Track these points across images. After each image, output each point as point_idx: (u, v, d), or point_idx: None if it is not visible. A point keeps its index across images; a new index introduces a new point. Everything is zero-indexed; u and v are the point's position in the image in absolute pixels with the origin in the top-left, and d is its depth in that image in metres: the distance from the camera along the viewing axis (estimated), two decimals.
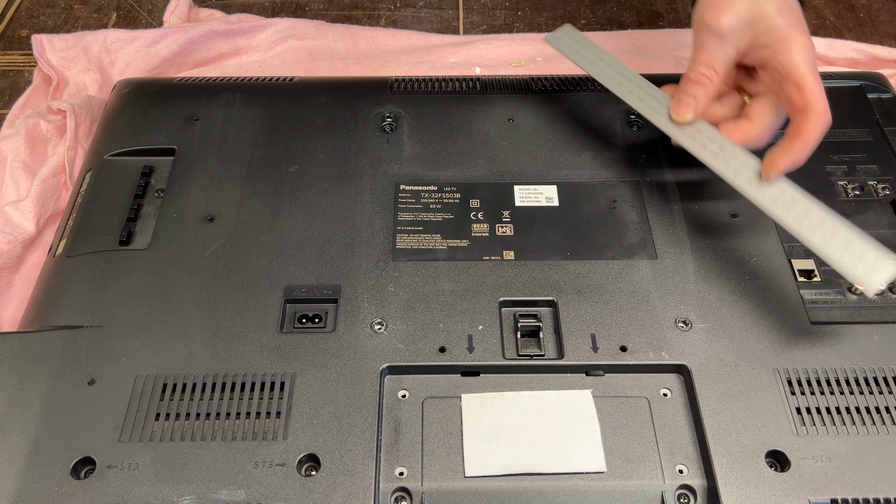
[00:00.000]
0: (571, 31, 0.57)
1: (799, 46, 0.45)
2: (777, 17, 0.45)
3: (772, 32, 0.45)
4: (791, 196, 0.44)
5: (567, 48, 0.56)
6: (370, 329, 0.45)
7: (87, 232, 0.51)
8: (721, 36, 0.46)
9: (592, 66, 0.54)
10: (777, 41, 0.45)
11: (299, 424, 0.41)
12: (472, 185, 0.53)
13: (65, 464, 0.39)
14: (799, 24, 0.46)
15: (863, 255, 0.41)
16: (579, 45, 0.56)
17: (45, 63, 0.68)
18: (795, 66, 0.44)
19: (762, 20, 0.46)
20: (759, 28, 0.46)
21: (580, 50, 0.55)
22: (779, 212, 0.44)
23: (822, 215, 0.43)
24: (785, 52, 0.45)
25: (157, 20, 0.79)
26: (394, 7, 0.81)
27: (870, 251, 0.41)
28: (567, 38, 0.56)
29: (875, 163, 0.54)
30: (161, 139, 0.56)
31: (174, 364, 0.43)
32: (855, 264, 0.41)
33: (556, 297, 0.46)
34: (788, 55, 0.44)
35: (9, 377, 0.43)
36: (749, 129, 0.47)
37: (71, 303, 0.47)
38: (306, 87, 0.61)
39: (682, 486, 0.39)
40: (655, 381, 0.43)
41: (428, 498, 0.39)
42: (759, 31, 0.46)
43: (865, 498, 0.38)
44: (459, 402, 0.42)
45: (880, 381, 0.43)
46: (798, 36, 0.45)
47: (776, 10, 0.45)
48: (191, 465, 0.39)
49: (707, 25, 0.47)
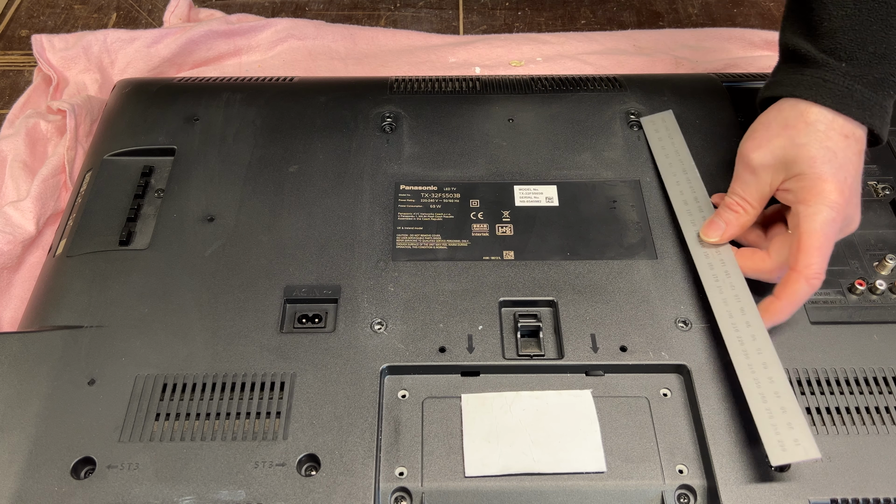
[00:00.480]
0: (669, 119, 0.56)
1: (819, 203, 0.42)
2: (811, 164, 0.42)
3: (803, 180, 0.43)
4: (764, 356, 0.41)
5: (653, 132, 0.56)
6: (370, 329, 0.45)
7: (87, 232, 0.51)
8: (753, 171, 0.45)
9: (665, 156, 0.54)
10: (803, 190, 0.42)
11: (299, 424, 0.41)
12: (472, 185, 0.53)
13: (65, 464, 0.39)
14: (835, 176, 0.42)
15: (790, 429, 0.38)
16: (667, 132, 0.55)
17: (45, 63, 0.68)
18: (807, 221, 0.42)
19: (796, 164, 0.43)
20: (791, 171, 0.43)
21: (664, 138, 0.55)
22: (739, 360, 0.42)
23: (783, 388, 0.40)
24: (805, 202, 0.42)
25: (157, 20, 0.79)
26: (394, 7, 0.81)
27: (801, 433, 0.38)
28: (660, 123, 0.56)
29: (875, 163, 0.54)
30: (161, 139, 0.56)
31: (174, 364, 0.43)
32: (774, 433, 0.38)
33: (556, 297, 0.46)
34: (806, 207, 0.42)
35: (9, 377, 0.43)
36: (763, 262, 0.45)
37: (71, 303, 0.47)
38: (306, 87, 0.61)
39: (682, 486, 0.39)
40: (655, 381, 0.43)
41: (428, 498, 0.39)
42: (792, 175, 0.43)
43: (865, 498, 0.38)
44: (459, 402, 0.42)
45: (880, 381, 0.43)
46: (825, 191, 0.42)
47: (814, 156, 0.42)
48: (191, 465, 0.39)
49: (742, 156, 0.46)
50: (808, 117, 0.43)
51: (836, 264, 0.48)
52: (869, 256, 0.49)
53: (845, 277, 0.48)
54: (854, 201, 0.43)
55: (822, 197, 0.42)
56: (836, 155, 0.43)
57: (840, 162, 0.42)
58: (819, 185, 0.42)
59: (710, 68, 0.70)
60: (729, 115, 0.58)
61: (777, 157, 0.44)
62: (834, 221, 0.42)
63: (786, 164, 0.44)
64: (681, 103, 0.58)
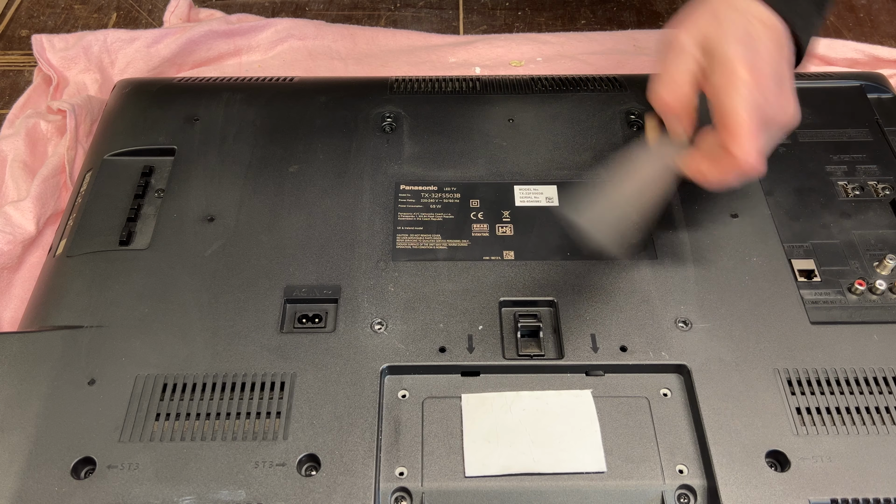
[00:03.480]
0: None
1: (732, 83, 0.41)
2: (726, 44, 0.41)
3: (718, 63, 0.42)
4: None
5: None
6: (370, 329, 0.45)
7: (87, 232, 0.51)
8: (680, 51, 0.44)
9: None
10: (717, 73, 0.42)
11: (299, 424, 0.41)
12: (472, 185, 0.53)
13: (65, 464, 0.39)
14: (745, 57, 0.41)
15: None
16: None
17: (45, 63, 0.68)
18: (723, 102, 0.41)
19: (715, 46, 0.42)
20: (710, 55, 0.42)
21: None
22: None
23: None
24: (721, 86, 0.41)
25: (157, 20, 0.79)
26: (394, 7, 0.81)
27: None
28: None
29: (875, 163, 0.54)
30: (161, 139, 0.56)
31: (174, 364, 0.43)
32: None
33: (556, 297, 0.46)
34: (721, 90, 0.41)
35: (9, 377, 0.43)
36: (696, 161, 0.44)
37: (71, 303, 0.47)
38: (306, 87, 0.61)
39: (682, 486, 0.39)
40: (655, 381, 0.43)
41: (428, 498, 0.39)
42: (710, 59, 0.42)
43: (865, 498, 0.38)
44: (459, 402, 0.42)
45: (880, 381, 0.43)
46: (736, 71, 0.41)
47: (729, 37, 0.42)
48: (191, 465, 0.39)
49: (668, 39, 0.45)
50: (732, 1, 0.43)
51: (836, 264, 0.48)
52: (869, 256, 0.49)
53: (845, 277, 0.48)
54: (774, 90, 0.42)
55: (735, 77, 0.41)
56: (751, 38, 0.42)
57: (756, 47, 0.42)
58: (730, 65, 0.41)
59: None
60: None
61: (700, 39, 0.43)
62: (750, 101, 0.41)
63: (708, 46, 0.43)
64: None
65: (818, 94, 0.60)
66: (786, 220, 0.51)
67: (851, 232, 0.50)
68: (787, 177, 0.54)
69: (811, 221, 0.51)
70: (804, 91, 0.60)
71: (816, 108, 0.58)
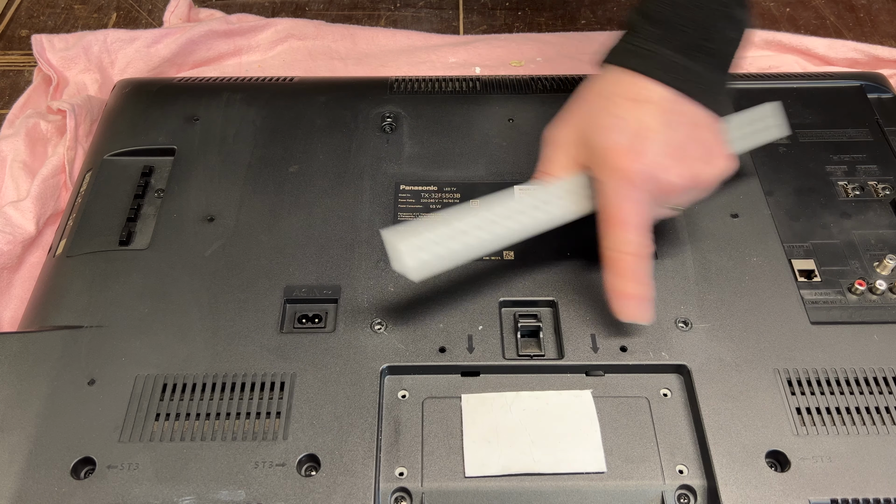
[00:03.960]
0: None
1: (607, 175, 0.41)
2: (599, 135, 0.41)
3: (592, 153, 0.42)
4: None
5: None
6: (370, 329, 0.45)
7: (87, 232, 0.51)
8: (556, 147, 0.44)
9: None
10: (594, 165, 0.42)
11: (299, 424, 0.41)
12: (472, 185, 0.53)
13: (65, 464, 0.39)
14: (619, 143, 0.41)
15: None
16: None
17: (45, 63, 0.68)
18: (600, 197, 0.42)
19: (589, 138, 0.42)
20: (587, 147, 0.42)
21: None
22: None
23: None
24: (598, 179, 0.42)
25: (157, 20, 0.79)
26: (394, 7, 0.81)
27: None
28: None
29: (875, 163, 0.54)
30: (161, 139, 0.56)
31: (174, 364, 0.43)
32: None
33: (556, 297, 0.46)
34: (598, 182, 0.42)
35: (9, 377, 0.43)
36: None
37: (71, 303, 0.47)
38: (306, 87, 0.61)
39: (682, 486, 0.39)
40: (655, 382, 0.43)
41: (428, 498, 0.39)
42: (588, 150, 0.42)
43: (865, 498, 0.38)
44: (459, 403, 0.42)
45: (880, 381, 0.43)
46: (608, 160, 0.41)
47: (601, 126, 0.41)
48: (191, 465, 0.39)
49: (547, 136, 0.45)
50: (601, 86, 0.43)
51: (836, 264, 0.48)
52: (869, 256, 0.49)
53: (845, 277, 0.48)
54: (673, 158, 0.41)
55: (608, 167, 0.41)
56: (624, 121, 0.41)
57: (633, 128, 0.41)
58: (603, 155, 0.41)
59: None
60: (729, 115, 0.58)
61: (576, 135, 0.43)
62: (626, 190, 0.41)
63: (583, 140, 0.42)
64: None
65: (818, 94, 0.60)
66: (786, 220, 0.51)
67: (851, 232, 0.50)
68: (787, 177, 0.54)
69: (811, 221, 0.51)
70: (804, 91, 0.60)
71: (816, 108, 0.59)
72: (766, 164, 0.55)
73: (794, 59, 0.72)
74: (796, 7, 0.80)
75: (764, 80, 0.62)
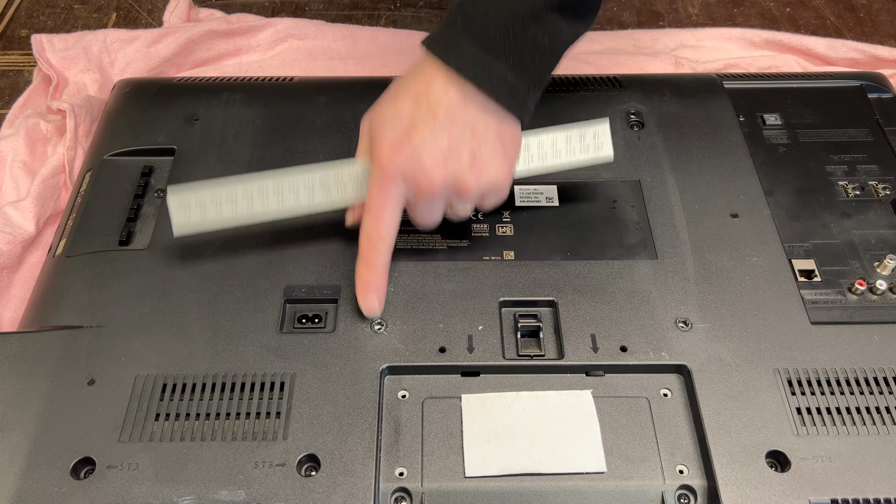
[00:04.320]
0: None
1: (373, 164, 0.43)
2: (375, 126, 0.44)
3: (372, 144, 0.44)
4: None
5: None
6: (370, 329, 0.45)
7: (87, 232, 0.51)
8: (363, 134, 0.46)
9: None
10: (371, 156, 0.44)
11: (299, 424, 0.41)
12: None
13: (65, 464, 0.39)
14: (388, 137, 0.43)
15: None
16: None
17: (45, 63, 0.68)
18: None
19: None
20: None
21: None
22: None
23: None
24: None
25: (157, 20, 0.78)
26: (394, 7, 0.81)
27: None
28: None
29: (875, 163, 0.54)
30: (161, 139, 0.56)
31: (174, 364, 0.43)
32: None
33: (556, 297, 0.46)
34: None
35: (9, 377, 0.43)
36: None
37: (71, 303, 0.47)
38: (306, 87, 0.61)
39: (682, 486, 0.39)
40: (655, 382, 0.43)
41: (428, 498, 0.39)
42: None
43: (865, 498, 0.38)
44: (459, 403, 0.42)
45: (880, 381, 0.43)
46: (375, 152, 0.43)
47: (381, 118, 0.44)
48: (191, 465, 0.39)
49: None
50: (406, 74, 0.45)
51: (837, 264, 0.48)
52: (869, 256, 0.49)
53: (845, 277, 0.48)
54: (422, 165, 0.42)
55: (375, 158, 0.43)
56: (400, 119, 0.43)
57: (405, 125, 0.42)
58: (375, 146, 0.43)
59: (710, 68, 0.70)
60: (729, 115, 0.58)
61: (368, 125, 0.45)
62: (381, 181, 0.42)
63: (371, 128, 0.45)
64: (681, 103, 0.58)
65: (818, 93, 0.60)
66: (786, 220, 0.51)
67: (852, 232, 0.50)
68: (787, 177, 0.54)
69: (811, 221, 0.51)
70: (804, 91, 0.60)
71: (816, 108, 0.59)
72: (767, 164, 0.55)
73: (794, 59, 0.72)
74: (796, 7, 0.80)
75: (764, 80, 0.62)
